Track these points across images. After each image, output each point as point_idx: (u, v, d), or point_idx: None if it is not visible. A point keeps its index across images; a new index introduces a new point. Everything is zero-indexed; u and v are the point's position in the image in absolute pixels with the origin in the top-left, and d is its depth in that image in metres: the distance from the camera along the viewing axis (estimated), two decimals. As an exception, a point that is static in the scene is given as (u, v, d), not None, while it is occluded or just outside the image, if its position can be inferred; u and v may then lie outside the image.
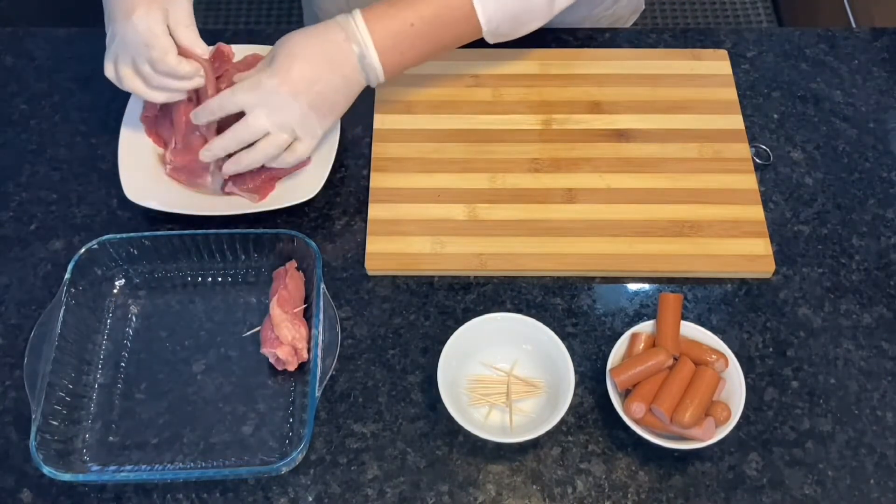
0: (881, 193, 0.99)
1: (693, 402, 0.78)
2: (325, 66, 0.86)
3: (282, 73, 0.85)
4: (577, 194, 0.96)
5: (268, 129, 0.86)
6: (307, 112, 0.87)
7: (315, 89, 0.86)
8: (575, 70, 1.06)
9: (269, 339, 0.84)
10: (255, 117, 0.86)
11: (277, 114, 0.86)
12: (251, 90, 0.85)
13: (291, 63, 0.85)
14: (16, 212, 0.97)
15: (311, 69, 0.86)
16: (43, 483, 0.80)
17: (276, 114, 0.86)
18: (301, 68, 0.85)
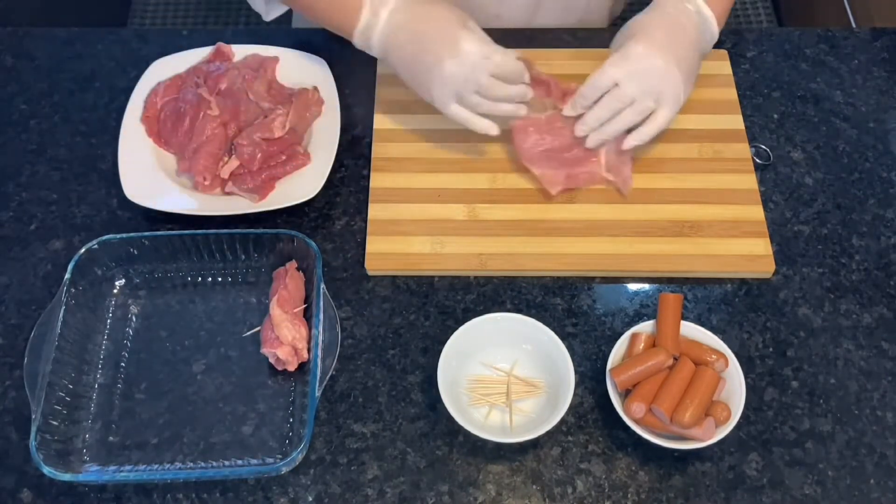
0: (881, 193, 0.99)
1: (693, 402, 0.78)
2: (676, 29, 0.91)
3: (644, 40, 0.90)
4: (577, 194, 0.96)
5: (635, 96, 0.89)
6: (674, 74, 0.89)
7: (677, 51, 0.90)
8: (575, 70, 1.06)
9: (269, 339, 0.84)
10: (626, 87, 0.89)
11: (645, 79, 0.89)
12: (621, 62, 0.89)
13: (651, 32, 0.90)
14: (16, 212, 0.97)
15: (667, 33, 0.91)
16: (43, 483, 0.80)
17: (645, 80, 0.89)
18: (661, 33, 0.90)
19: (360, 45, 0.94)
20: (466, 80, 0.88)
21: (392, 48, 0.91)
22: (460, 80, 0.88)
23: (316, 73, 1.03)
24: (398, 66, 0.93)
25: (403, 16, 0.90)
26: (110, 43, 1.11)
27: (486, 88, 0.89)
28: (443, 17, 0.89)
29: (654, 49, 0.89)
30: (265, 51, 1.05)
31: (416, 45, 0.89)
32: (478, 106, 0.90)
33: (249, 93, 0.98)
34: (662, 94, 0.90)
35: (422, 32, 0.89)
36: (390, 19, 0.90)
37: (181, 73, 1.02)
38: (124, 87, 1.05)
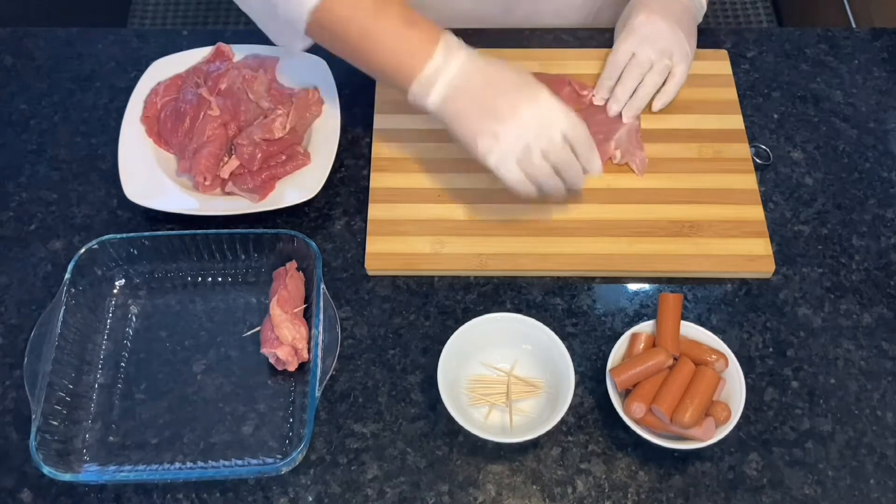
0: (881, 193, 0.99)
1: (693, 402, 0.78)
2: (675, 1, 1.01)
3: (644, 10, 1.00)
4: (577, 194, 0.96)
5: (652, 59, 0.99)
6: (678, 32, 0.99)
7: (672, 14, 0.99)
8: (575, 70, 1.06)
9: (269, 339, 0.84)
10: (643, 52, 0.99)
11: (656, 42, 0.98)
12: (630, 35, 1.00)
13: (647, 3, 1.01)
14: (16, 212, 0.97)
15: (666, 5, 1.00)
16: (43, 483, 0.80)
17: (655, 42, 0.98)
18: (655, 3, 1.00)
19: (416, 92, 0.85)
20: (539, 135, 0.82)
21: (460, 94, 0.84)
22: (532, 133, 0.82)
23: (316, 73, 1.03)
24: (459, 114, 0.84)
25: (477, 63, 0.84)
26: (110, 43, 1.12)
27: (556, 147, 0.83)
28: (519, 70, 0.85)
29: (654, 15, 0.99)
30: (265, 51, 1.05)
31: (492, 89, 0.83)
32: (538, 168, 0.84)
33: (249, 93, 0.98)
34: (674, 52, 0.99)
35: (498, 79, 0.84)
36: (465, 64, 0.84)
37: (181, 73, 1.02)
38: (124, 87, 1.05)
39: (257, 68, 1.02)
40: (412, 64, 0.84)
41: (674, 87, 1.00)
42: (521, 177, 0.84)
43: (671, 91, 1.01)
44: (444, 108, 0.85)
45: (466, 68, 0.84)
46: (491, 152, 0.83)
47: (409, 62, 0.84)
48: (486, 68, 0.84)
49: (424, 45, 0.84)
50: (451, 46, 0.84)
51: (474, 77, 0.84)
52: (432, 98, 0.84)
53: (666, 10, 0.99)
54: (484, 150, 0.83)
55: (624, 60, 1.00)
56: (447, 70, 0.84)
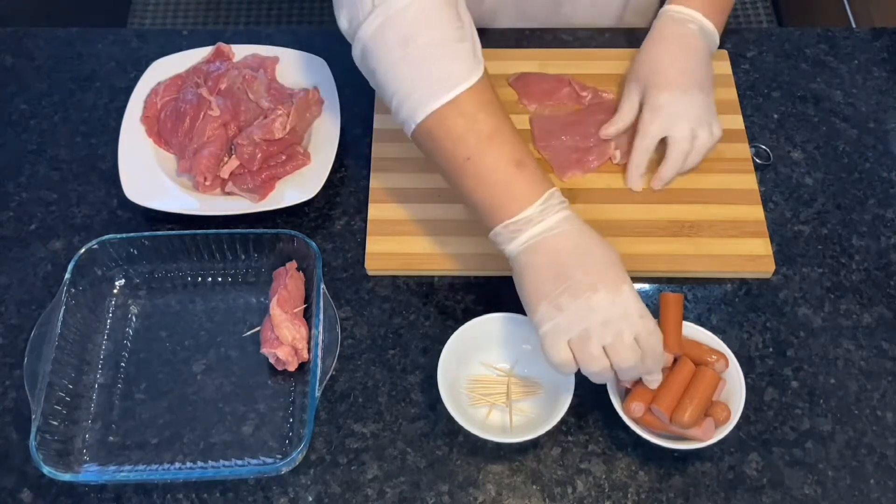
0: (881, 193, 0.99)
1: (693, 402, 0.78)
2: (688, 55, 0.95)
3: (665, 86, 0.94)
4: (577, 194, 0.96)
5: (694, 128, 0.93)
6: (703, 98, 0.94)
7: (693, 77, 0.94)
8: (575, 70, 1.06)
9: (269, 339, 0.84)
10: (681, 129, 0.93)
11: (689, 113, 0.93)
12: (655, 118, 0.94)
13: (667, 73, 0.94)
14: (16, 212, 0.97)
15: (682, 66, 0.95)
16: (43, 483, 0.80)
17: (689, 114, 0.93)
18: (676, 70, 0.94)
19: (498, 232, 0.79)
20: (607, 325, 0.74)
21: (542, 250, 0.77)
22: (601, 320, 0.74)
23: (316, 73, 1.03)
24: (534, 270, 0.77)
25: (572, 226, 0.78)
26: (110, 43, 1.12)
27: (623, 347, 0.74)
28: (610, 251, 0.78)
29: (677, 90, 0.93)
30: (265, 51, 1.05)
31: (575, 259, 0.76)
32: (594, 359, 0.74)
33: (249, 93, 0.98)
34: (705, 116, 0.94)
35: (586, 252, 0.77)
36: (559, 224, 0.77)
37: (181, 73, 1.02)
38: (124, 87, 1.05)
39: (257, 68, 1.02)
40: (508, 206, 0.78)
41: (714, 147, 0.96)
42: (568, 357, 0.75)
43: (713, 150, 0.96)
44: (520, 258, 0.78)
45: (561, 228, 0.77)
46: (547, 321, 0.76)
47: (506, 203, 0.78)
48: (579, 236, 0.78)
49: (527, 192, 0.77)
50: (552, 201, 0.78)
51: (564, 240, 0.77)
52: (514, 245, 0.78)
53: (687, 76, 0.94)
54: (541, 316, 0.76)
55: (652, 147, 0.94)
56: (542, 223, 0.77)
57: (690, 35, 0.96)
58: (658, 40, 0.97)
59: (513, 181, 0.78)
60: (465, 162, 0.79)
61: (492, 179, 0.78)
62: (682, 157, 0.94)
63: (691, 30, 0.96)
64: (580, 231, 0.78)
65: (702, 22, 0.96)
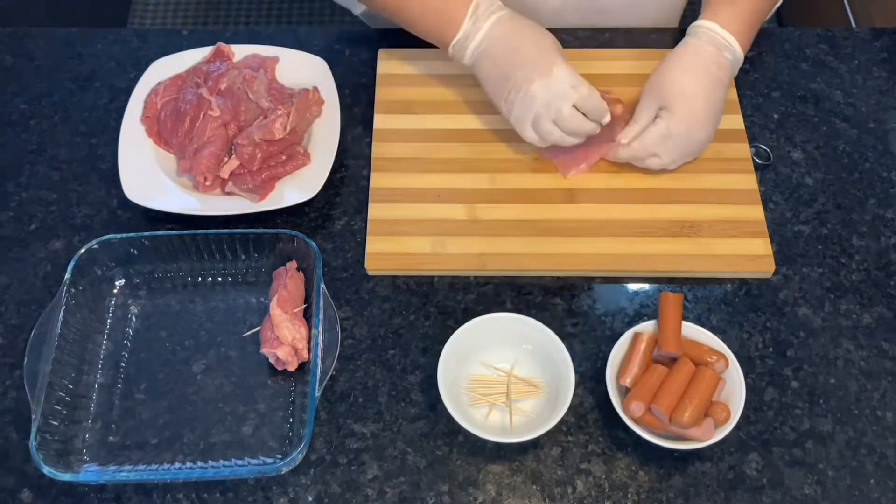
0: (881, 193, 0.99)
1: (692, 402, 0.78)
2: (714, 86, 0.92)
3: (686, 118, 0.92)
4: (577, 194, 0.96)
5: (675, 160, 0.94)
6: (711, 134, 0.94)
7: (713, 110, 0.93)
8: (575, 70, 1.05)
9: (269, 339, 0.84)
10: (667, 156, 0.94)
11: (686, 150, 0.94)
12: (663, 141, 0.93)
13: (691, 96, 0.92)
14: (16, 212, 0.97)
15: (707, 99, 0.92)
16: (43, 483, 0.80)
17: (686, 150, 0.94)
18: (703, 97, 0.92)
19: (452, 54, 0.95)
20: (548, 106, 0.89)
21: (484, 58, 0.93)
22: (542, 103, 0.89)
23: (316, 73, 1.03)
24: (485, 77, 0.94)
25: (502, 30, 0.92)
26: (110, 43, 1.12)
27: (565, 119, 0.90)
28: (540, 40, 0.92)
29: (695, 123, 0.92)
30: (265, 51, 1.05)
31: (509, 60, 0.91)
32: (549, 134, 0.91)
33: (249, 93, 0.98)
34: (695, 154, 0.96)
35: (517, 49, 0.91)
36: (489, 32, 0.92)
37: (181, 73, 1.02)
38: (124, 87, 1.05)
39: (257, 68, 1.02)
40: (446, 31, 0.94)
41: None
42: (534, 136, 0.93)
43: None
44: (475, 71, 0.95)
45: (491, 35, 0.92)
46: (509, 115, 0.93)
47: (444, 29, 0.94)
48: (509, 39, 0.91)
49: (457, 12, 0.93)
50: (480, 12, 0.92)
51: (496, 47, 0.92)
52: (466, 61, 0.95)
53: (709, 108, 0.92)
54: (504, 112, 0.94)
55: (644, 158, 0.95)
56: (476, 35, 0.92)
57: (719, 58, 0.93)
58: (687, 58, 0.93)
59: (443, 7, 0.93)
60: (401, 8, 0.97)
61: (426, 13, 0.95)
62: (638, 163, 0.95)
63: (725, 61, 0.93)
64: (512, 31, 0.91)
65: (735, 51, 0.93)
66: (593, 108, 0.91)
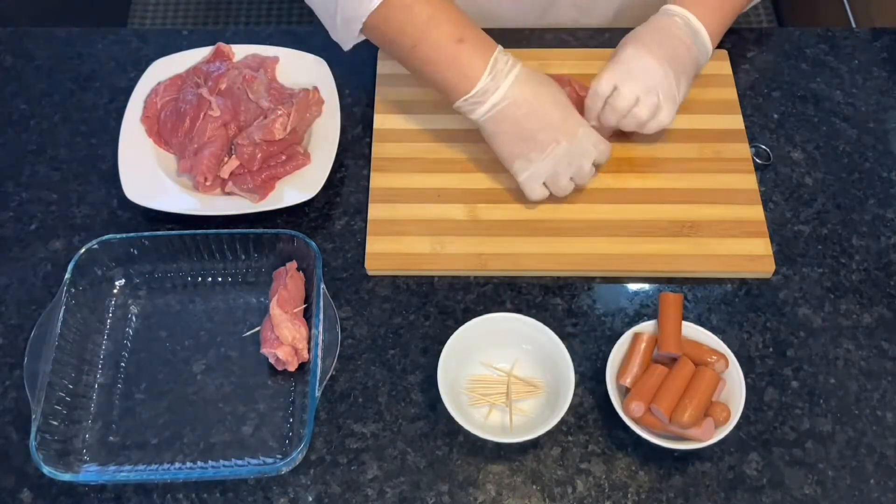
0: (881, 193, 0.99)
1: (692, 402, 0.78)
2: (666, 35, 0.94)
3: (634, 44, 0.93)
4: (577, 194, 0.96)
5: (638, 94, 0.91)
6: (665, 70, 0.91)
7: (665, 50, 0.92)
8: (575, 70, 1.06)
9: (269, 339, 0.84)
10: (627, 87, 0.91)
11: (642, 78, 0.91)
12: (614, 66, 0.92)
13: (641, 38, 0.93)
14: (16, 212, 0.97)
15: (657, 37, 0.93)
16: (43, 483, 0.80)
17: (641, 78, 0.91)
18: (650, 38, 0.93)
19: (460, 106, 0.90)
20: (570, 163, 0.90)
21: (503, 119, 0.89)
22: (565, 162, 0.90)
23: (316, 73, 1.03)
24: (499, 134, 0.90)
25: (521, 89, 0.89)
26: (110, 43, 1.12)
27: (585, 175, 0.92)
28: (559, 98, 0.91)
29: (644, 50, 0.92)
30: (265, 51, 1.05)
31: (534, 123, 0.89)
32: (564, 190, 0.92)
33: (249, 93, 0.98)
34: (661, 92, 0.91)
35: (538, 110, 0.89)
36: (509, 91, 0.88)
37: (181, 73, 1.02)
38: (124, 87, 1.05)
39: (257, 68, 1.02)
40: (459, 84, 0.88)
41: (656, 127, 0.93)
42: (545, 192, 0.93)
43: (652, 129, 0.94)
44: (487, 127, 0.91)
45: (512, 94, 0.88)
46: (523, 172, 0.91)
47: (457, 82, 0.88)
48: (533, 99, 0.89)
49: (473, 65, 0.88)
50: (498, 68, 0.88)
51: (518, 106, 0.88)
52: (477, 115, 0.90)
53: (660, 46, 0.92)
54: (517, 169, 0.91)
55: (605, 92, 0.92)
56: (493, 95, 0.88)
57: (675, 25, 0.94)
58: (646, 24, 0.96)
59: (457, 58, 0.88)
60: (413, 50, 0.90)
61: (438, 60, 0.89)
62: (615, 115, 0.93)
63: (677, 22, 0.95)
64: (533, 93, 0.89)
65: (688, 18, 0.94)
66: (606, 160, 0.93)
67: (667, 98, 0.92)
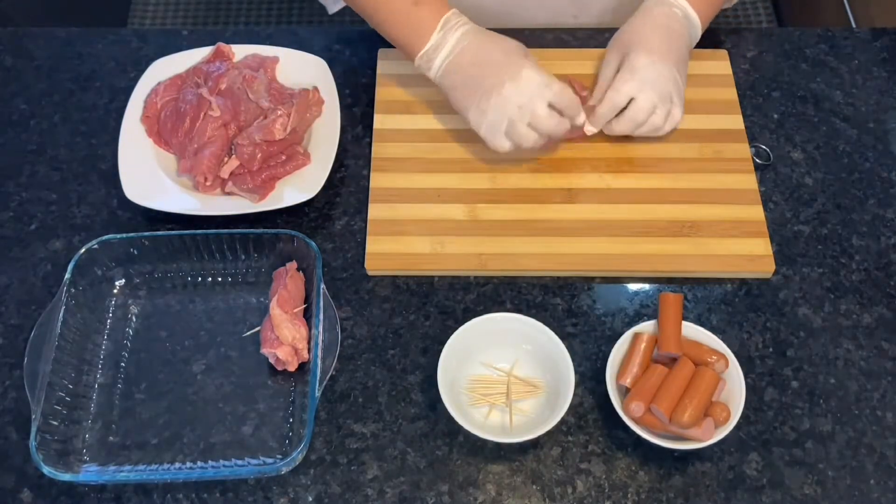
0: (881, 193, 0.99)
1: (692, 402, 0.78)
2: (668, 33, 0.96)
3: (647, 50, 0.94)
4: (577, 194, 0.96)
5: (656, 103, 0.93)
6: (676, 76, 0.94)
7: (674, 54, 0.95)
8: (575, 70, 1.06)
9: (269, 339, 0.84)
10: (645, 98, 0.93)
11: (657, 87, 0.93)
12: (631, 77, 0.93)
13: (648, 41, 0.94)
14: (16, 212, 0.97)
15: (662, 38, 0.95)
16: (43, 483, 0.80)
17: (657, 87, 0.93)
18: (657, 40, 0.94)
19: (419, 65, 0.95)
20: (522, 108, 0.90)
21: (453, 70, 0.93)
22: (516, 106, 0.89)
23: (316, 73, 1.03)
24: (453, 87, 0.93)
25: (469, 41, 0.92)
26: (110, 43, 1.12)
27: (541, 119, 0.90)
28: (506, 46, 0.92)
29: (656, 57, 0.93)
30: (265, 51, 1.05)
31: (479, 69, 0.91)
32: (525, 138, 0.91)
33: (249, 93, 0.98)
34: (673, 96, 0.94)
35: (485, 57, 0.91)
36: (457, 43, 0.92)
37: (181, 73, 1.02)
38: (124, 87, 1.05)
39: (257, 68, 1.02)
40: (415, 41, 0.94)
41: (669, 129, 0.96)
42: (510, 145, 0.92)
43: (665, 131, 0.96)
44: (441, 82, 0.95)
45: (459, 47, 0.92)
46: (481, 125, 0.92)
47: (413, 39, 0.94)
48: (476, 48, 0.92)
49: (427, 24, 0.93)
50: (449, 25, 0.93)
51: (465, 56, 0.92)
52: (433, 73, 0.94)
53: (668, 49, 0.95)
54: (474, 123, 0.93)
55: (622, 103, 0.94)
56: (444, 47, 0.93)
57: (674, 17, 0.96)
58: (643, 15, 0.98)
59: (412, 17, 0.93)
60: (375, 12, 0.96)
61: (396, 21, 0.95)
62: (632, 125, 0.95)
63: (675, 13, 0.97)
64: (478, 42, 0.92)
65: (686, 9, 0.97)
66: (568, 104, 0.92)
67: (679, 100, 0.95)
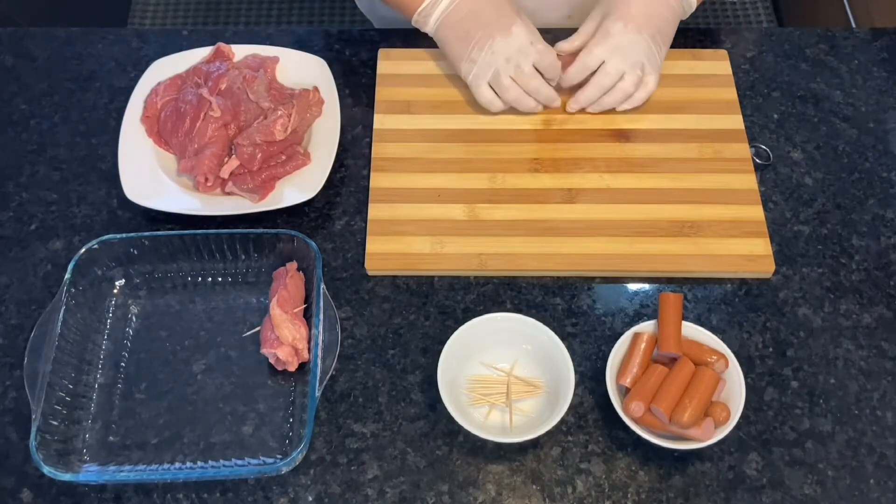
0: (881, 193, 0.99)
1: (692, 402, 0.78)
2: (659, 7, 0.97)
3: (623, 16, 0.96)
4: (577, 194, 0.96)
5: (624, 70, 0.96)
6: (650, 45, 0.96)
7: (653, 23, 0.96)
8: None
9: (269, 339, 0.84)
10: (613, 63, 0.96)
11: (629, 54, 0.96)
12: (603, 41, 0.96)
13: (632, 6, 0.96)
14: (16, 212, 0.97)
15: (643, 5, 0.96)
16: (43, 483, 0.80)
17: (629, 54, 0.96)
18: (639, 4, 0.96)
19: (417, 20, 0.99)
20: (508, 60, 0.95)
21: (447, 24, 0.97)
22: (502, 58, 0.95)
23: (316, 73, 1.03)
24: (448, 41, 0.98)
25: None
26: (110, 43, 1.12)
27: (525, 76, 0.95)
28: (498, 2, 0.96)
29: (632, 24, 0.95)
30: (265, 51, 1.05)
31: (472, 23, 0.95)
32: (507, 90, 0.96)
33: (249, 93, 0.98)
34: (646, 63, 0.97)
35: (477, 11, 0.96)
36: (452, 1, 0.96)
37: (181, 73, 1.02)
38: (124, 87, 1.05)
39: (257, 68, 1.02)
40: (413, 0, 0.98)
41: (644, 96, 0.99)
42: (492, 96, 0.98)
43: (640, 99, 0.99)
44: (437, 35, 0.99)
45: (455, 3, 0.96)
46: (469, 74, 0.98)
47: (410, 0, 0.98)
48: (470, 3, 0.96)
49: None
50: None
51: (459, 10, 0.96)
52: (429, 28, 0.99)
53: (647, 16, 0.96)
54: (464, 72, 0.98)
55: (592, 66, 0.97)
56: (440, 4, 0.97)
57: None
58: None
59: None
60: None
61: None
62: (599, 91, 0.98)
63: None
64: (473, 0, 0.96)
65: None
66: (549, 65, 0.96)
67: (652, 69, 0.97)
